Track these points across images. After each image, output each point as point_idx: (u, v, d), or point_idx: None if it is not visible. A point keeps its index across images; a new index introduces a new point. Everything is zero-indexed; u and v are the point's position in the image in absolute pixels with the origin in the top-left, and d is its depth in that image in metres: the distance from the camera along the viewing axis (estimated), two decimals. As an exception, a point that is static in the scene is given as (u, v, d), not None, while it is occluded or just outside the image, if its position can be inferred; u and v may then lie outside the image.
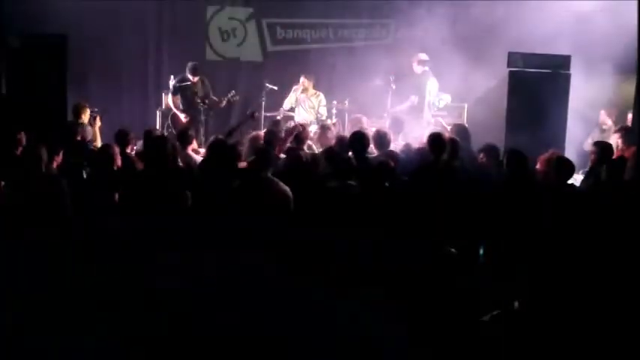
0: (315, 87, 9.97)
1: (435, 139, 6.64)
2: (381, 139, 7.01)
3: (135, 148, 7.51)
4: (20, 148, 6.69)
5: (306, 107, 9.90)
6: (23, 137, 6.88)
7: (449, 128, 8.36)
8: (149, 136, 7.08)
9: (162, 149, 5.70)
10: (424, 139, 7.27)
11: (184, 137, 7.10)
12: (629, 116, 9.04)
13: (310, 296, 4.24)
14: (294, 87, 9.94)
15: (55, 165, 6.09)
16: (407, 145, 7.36)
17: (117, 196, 5.58)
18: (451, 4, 10.11)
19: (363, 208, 5.29)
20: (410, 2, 9.94)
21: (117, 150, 6.22)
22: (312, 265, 4.60)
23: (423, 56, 9.39)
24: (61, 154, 6.18)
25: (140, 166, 6.55)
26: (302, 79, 9.82)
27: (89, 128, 7.79)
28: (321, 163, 6.22)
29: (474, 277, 4.98)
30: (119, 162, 6.13)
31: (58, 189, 5.43)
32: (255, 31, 11.63)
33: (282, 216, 5.23)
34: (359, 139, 6.66)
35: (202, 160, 6.63)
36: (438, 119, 9.39)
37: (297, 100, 9.91)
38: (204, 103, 9.75)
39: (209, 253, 4.62)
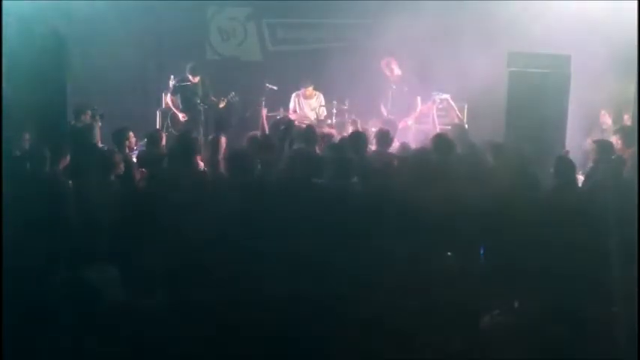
0: (315, 88, 9.99)
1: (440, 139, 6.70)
2: (383, 137, 7.07)
3: (135, 148, 7.53)
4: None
5: (306, 109, 9.93)
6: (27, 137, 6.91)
7: (449, 128, 8.38)
8: (184, 136, 7.21)
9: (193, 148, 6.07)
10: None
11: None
12: (626, 117, 9.06)
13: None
14: (295, 93, 9.96)
15: (61, 167, 6.10)
16: (403, 145, 7.37)
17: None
18: (451, 4, 10.11)
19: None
20: (411, 2, 9.94)
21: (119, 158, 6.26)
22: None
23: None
24: (67, 157, 6.18)
25: (136, 169, 6.60)
26: (302, 89, 9.84)
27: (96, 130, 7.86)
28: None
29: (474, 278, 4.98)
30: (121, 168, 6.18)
31: (62, 189, 5.45)
32: (255, 31, 11.64)
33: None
34: (360, 138, 6.73)
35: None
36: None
37: (299, 105, 9.94)
38: (203, 103, 9.75)
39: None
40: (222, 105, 9.78)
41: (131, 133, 7.24)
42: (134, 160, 7.10)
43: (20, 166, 5.98)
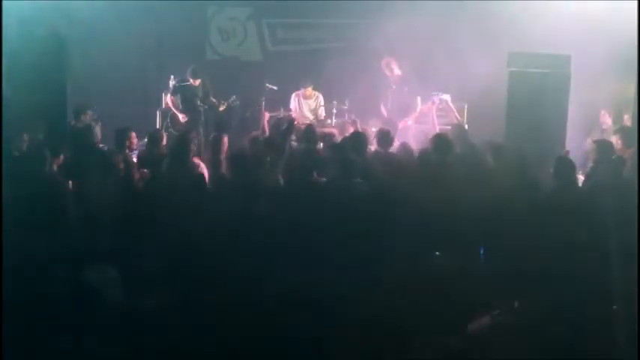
0: (314, 88, 9.99)
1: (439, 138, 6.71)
2: (384, 137, 7.08)
3: (135, 148, 7.53)
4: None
5: (305, 110, 9.94)
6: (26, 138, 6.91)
7: (449, 128, 8.38)
8: (180, 137, 7.22)
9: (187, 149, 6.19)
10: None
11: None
12: (626, 117, 9.06)
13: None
14: (295, 93, 9.98)
15: (56, 166, 6.10)
16: (403, 145, 7.37)
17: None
18: (451, 4, 10.11)
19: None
20: (410, 2, 9.95)
21: (119, 158, 6.28)
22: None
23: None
24: (61, 157, 6.18)
25: (137, 170, 6.60)
26: (302, 89, 9.86)
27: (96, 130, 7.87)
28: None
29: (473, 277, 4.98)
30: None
31: (60, 190, 5.44)
32: (255, 31, 11.64)
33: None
34: (360, 138, 6.74)
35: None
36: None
37: (299, 105, 9.96)
38: (204, 104, 9.74)
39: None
40: (222, 108, 9.75)
41: (133, 133, 7.24)
42: (135, 160, 7.10)
43: (19, 167, 5.98)
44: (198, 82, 9.69)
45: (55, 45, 7.85)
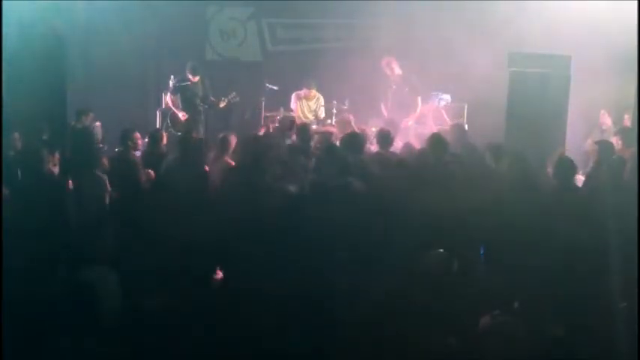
0: (317, 89, 9.97)
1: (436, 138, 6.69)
2: (384, 137, 7.07)
3: (139, 149, 7.52)
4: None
5: (306, 111, 9.92)
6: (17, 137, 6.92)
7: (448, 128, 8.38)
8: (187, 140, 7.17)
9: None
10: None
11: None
12: (626, 117, 9.06)
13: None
14: (295, 93, 9.91)
15: (51, 165, 6.10)
16: (406, 145, 7.37)
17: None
18: (452, 4, 10.11)
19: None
20: (410, 3, 9.95)
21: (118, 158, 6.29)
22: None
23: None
24: (56, 155, 6.19)
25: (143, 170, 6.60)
26: (304, 89, 9.81)
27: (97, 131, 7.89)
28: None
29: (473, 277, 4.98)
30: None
31: (60, 190, 5.45)
32: (255, 31, 11.65)
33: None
34: (357, 138, 6.73)
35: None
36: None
37: (300, 106, 9.92)
38: (204, 103, 9.74)
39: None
40: (222, 105, 9.76)
41: (137, 134, 7.24)
42: (139, 160, 7.09)
43: (17, 166, 5.99)
44: (197, 78, 9.67)
45: (55, 45, 7.84)
